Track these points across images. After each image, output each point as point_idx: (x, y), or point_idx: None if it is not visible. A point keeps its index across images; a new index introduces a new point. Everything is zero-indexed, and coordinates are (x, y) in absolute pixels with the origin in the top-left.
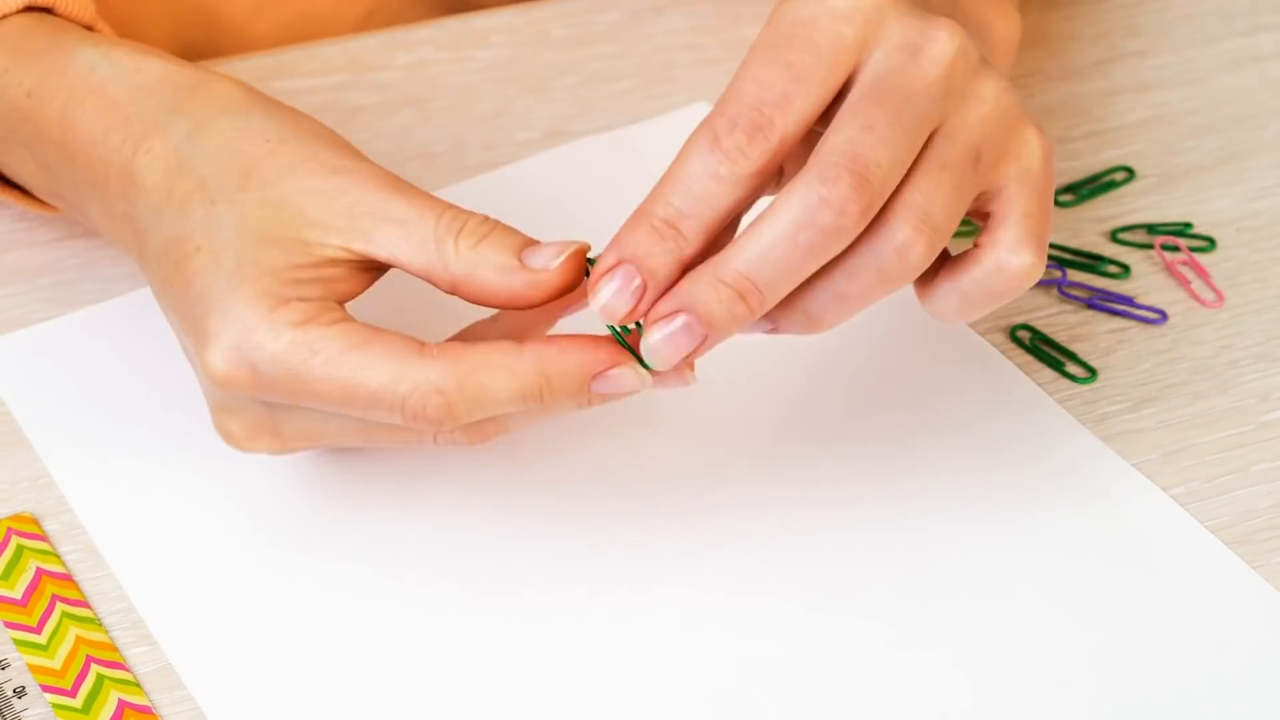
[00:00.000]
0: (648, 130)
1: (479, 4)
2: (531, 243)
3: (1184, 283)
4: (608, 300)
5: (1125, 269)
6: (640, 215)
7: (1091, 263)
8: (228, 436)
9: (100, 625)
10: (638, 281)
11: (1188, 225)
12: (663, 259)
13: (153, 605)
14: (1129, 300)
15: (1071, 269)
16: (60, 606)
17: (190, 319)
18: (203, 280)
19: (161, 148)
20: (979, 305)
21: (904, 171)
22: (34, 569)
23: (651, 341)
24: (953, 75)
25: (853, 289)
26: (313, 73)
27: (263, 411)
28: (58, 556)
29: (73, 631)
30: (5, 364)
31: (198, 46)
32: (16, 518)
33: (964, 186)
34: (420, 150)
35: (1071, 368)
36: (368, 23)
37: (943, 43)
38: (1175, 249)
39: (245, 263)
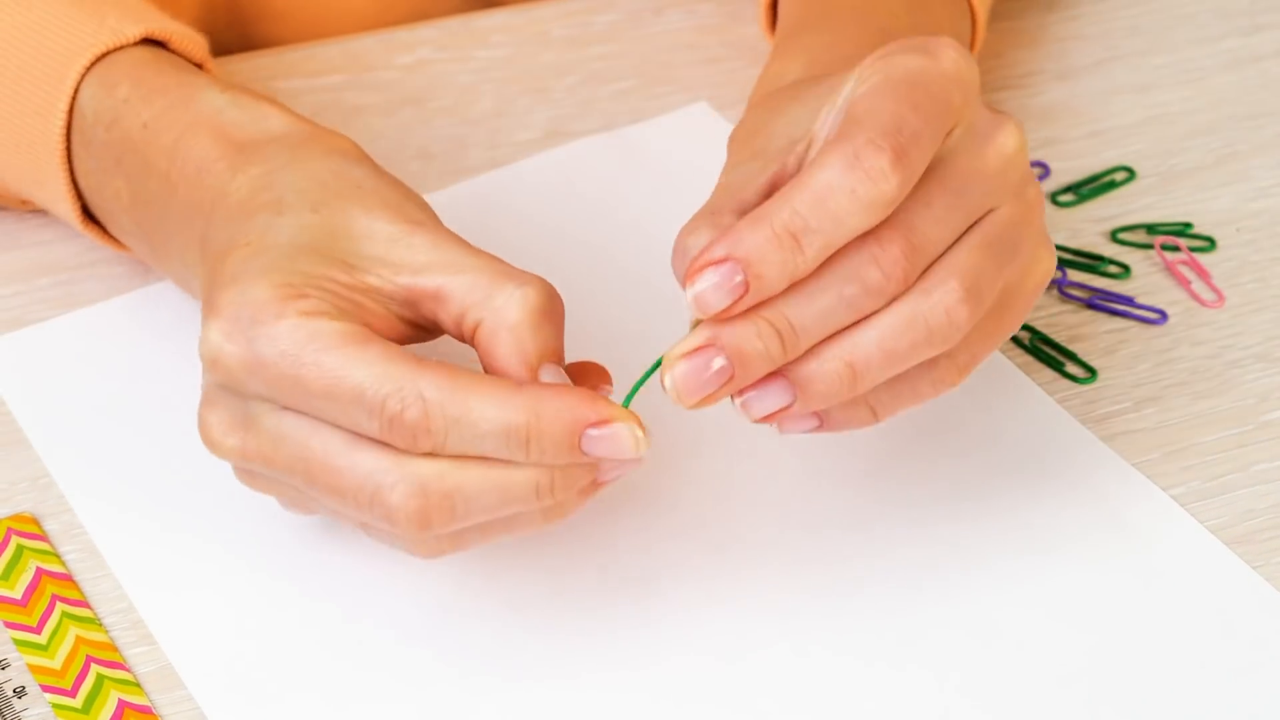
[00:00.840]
0: (648, 130)
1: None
2: (558, 354)
3: (1184, 283)
4: (703, 291)
5: (1125, 269)
6: (761, 217)
7: (1091, 263)
8: (204, 430)
9: (100, 625)
10: (740, 280)
11: (1188, 225)
12: (776, 269)
13: (153, 605)
14: (1129, 300)
15: (1071, 269)
16: (60, 606)
17: (208, 300)
18: (235, 266)
19: (257, 170)
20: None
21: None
22: (34, 569)
23: (674, 372)
24: (1009, 169)
25: (901, 352)
26: (313, 73)
27: (240, 406)
28: (58, 556)
29: (73, 631)
30: (5, 364)
31: (222, 14)
32: (16, 518)
33: (1001, 274)
34: (420, 150)
35: (1071, 368)
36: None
37: (1010, 135)
38: (1175, 249)
39: (283, 258)
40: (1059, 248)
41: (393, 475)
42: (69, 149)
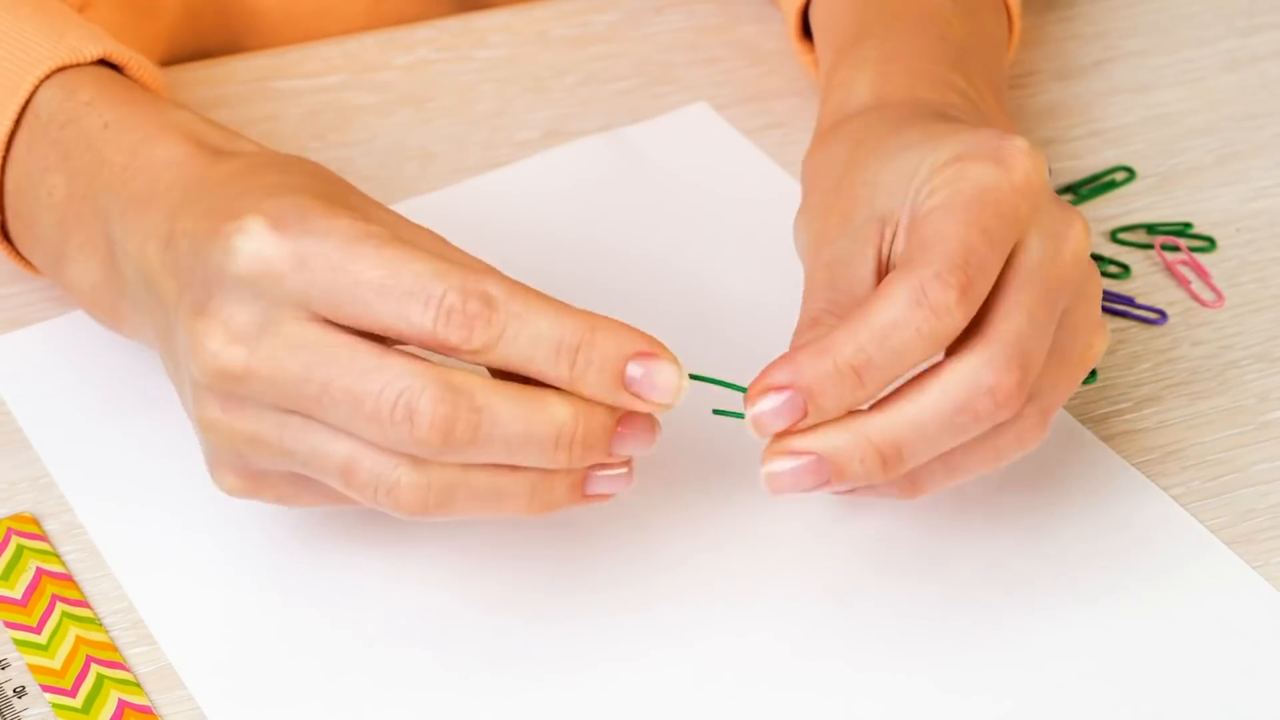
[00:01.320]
0: (648, 130)
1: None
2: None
3: (1184, 283)
4: (763, 414)
5: (1125, 269)
6: (825, 349)
7: None
8: (203, 337)
9: (100, 625)
10: (801, 409)
11: (1188, 225)
12: (835, 401)
13: (153, 605)
14: (1129, 300)
15: None
16: (60, 606)
17: (223, 221)
18: (260, 194)
19: (241, 162)
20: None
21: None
22: (34, 569)
23: (772, 468)
24: (1082, 267)
25: (966, 463)
26: (312, 73)
27: (258, 311)
28: (58, 556)
29: (73, 631)
30: (5, 364)
31: (206, 14)
32: (16, 518)
33: (1066, 379)
34: (420, 150)
35: None
36: (375, 9)
37: (1080, 233)
38: (1175, 249)
39: (294, 176)
40: None
41: (424, 379)
42: (8, 154)
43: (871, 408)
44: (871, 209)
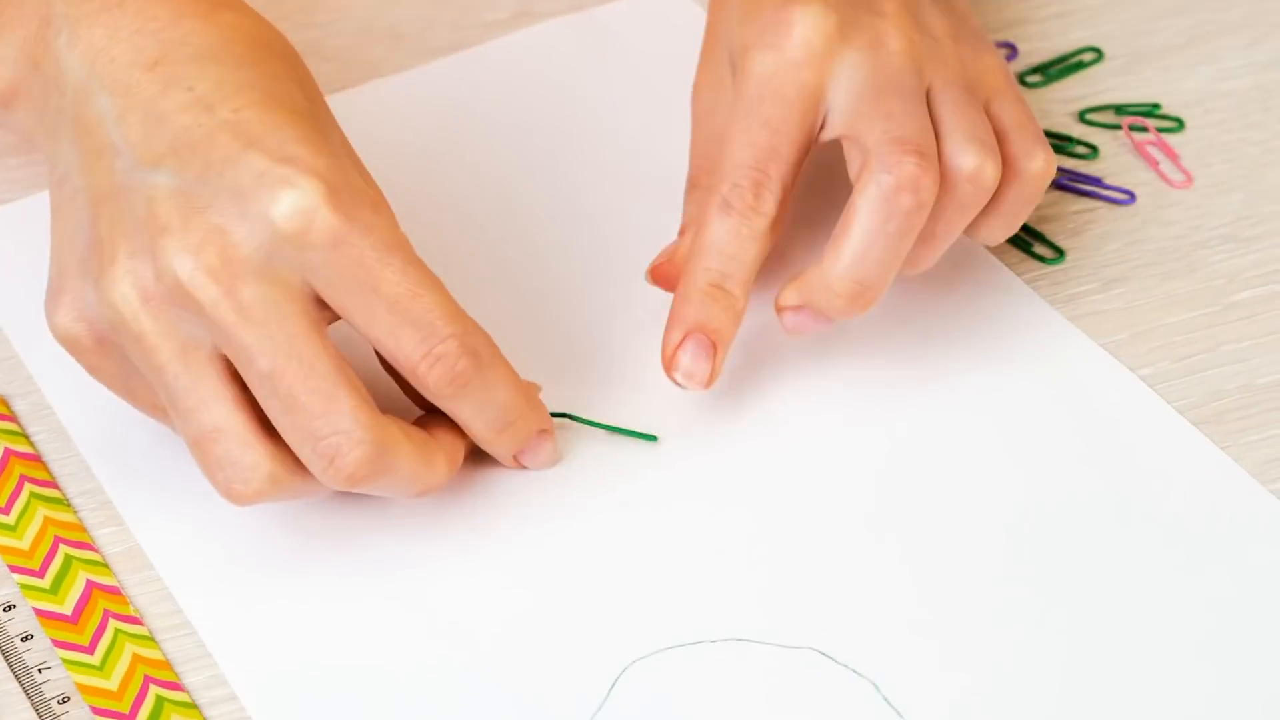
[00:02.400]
0: (616, 10)
1: None
2: None
3: (1152, 163)
4: (689, 366)
5: (1093, 150)
6: (686, 290)
7: (1060, 143)
8: (209, 254)
9: (68, 505)
10: (708, 343)
11: (1156, 106)
12: (722, 317)
13: (120, 486)
14: (1097, 181)
15: None
16: (28, 487)
17: (240, 142)
18: (268, 106)
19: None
20: (1020, 214)
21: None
22: (2, 449)
23: (786, 324)
24: (916, 51)
25: (939, 228)
26: None
27: (263, 255)
28: (26, 437)
29: (41, 512)
30: None
31: None
32: None
33: (980, 111)
34: (388, 31)
35: (1039, 248)
36: None
37: (893, 30)
38: (1143, 130)
39: (341, 145)
40: None
41: (362, 431)
42: None
43: (826, 254)
44: (728, 65)
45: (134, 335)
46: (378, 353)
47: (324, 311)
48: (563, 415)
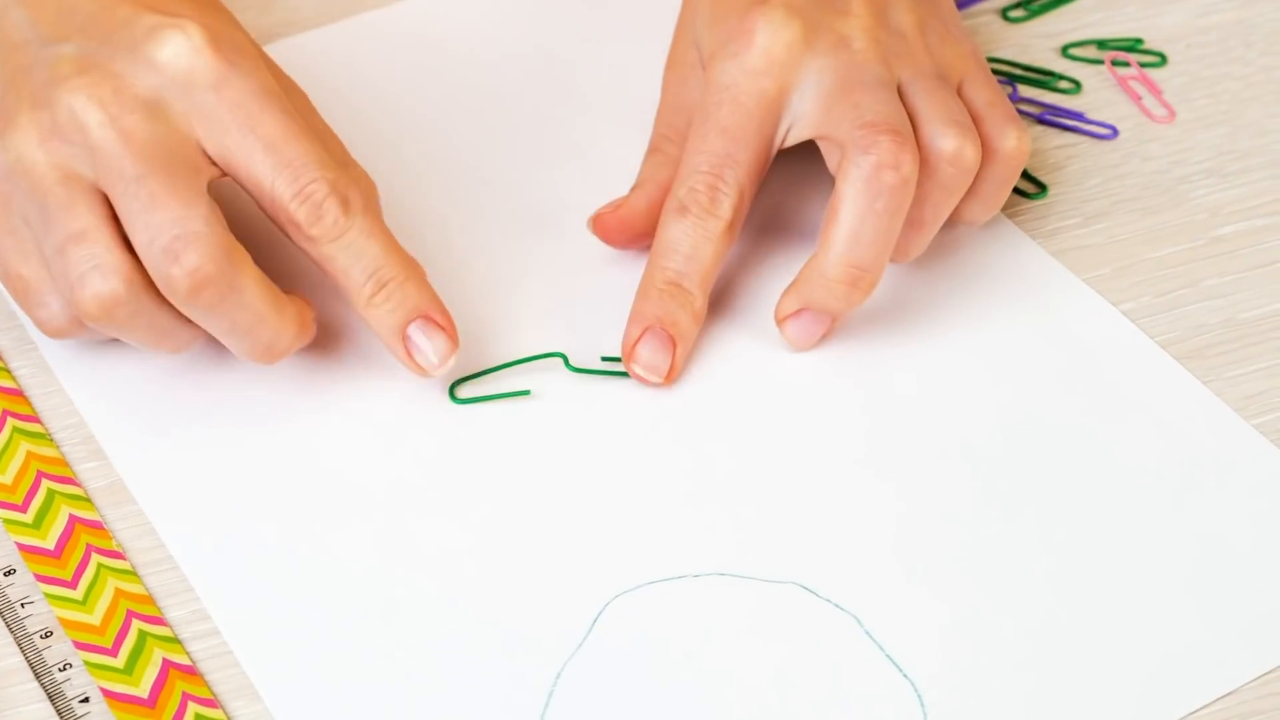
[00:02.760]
0: None
1: None
2: None
3: (1135, 98)
4: (649, 359)
5: (1076, 84)
6: (646, 287)
7: (1042, 78)
8: (76, 91)
9: (51, 440)
10: (667, 337)
11: (1138, 41)
12: (680, 314)
13: (104, 421)
14: (1080, 115)
15: (1022, 84)
16: (11, 422)
17: (132, 7)
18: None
19: None
20: (1000, 194)
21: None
22: None
23: (788, 335)
24: (882, 49)
25: (926, 213)
26: None
27: (140, 91)
28: (9, 372)
29: (24, 446)
30: None
31: None
32: None
33: (953, 95)
34: None
35: (1022, 183)
36: None
37: (857, 30)
38: (1126, 64)
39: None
40: (1008, 63)
41: (209, 231)
42: None
43: (819, 248)
44: (696, 58)
45: (24, 171)
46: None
47: (206, 164)
48: (554, 355)
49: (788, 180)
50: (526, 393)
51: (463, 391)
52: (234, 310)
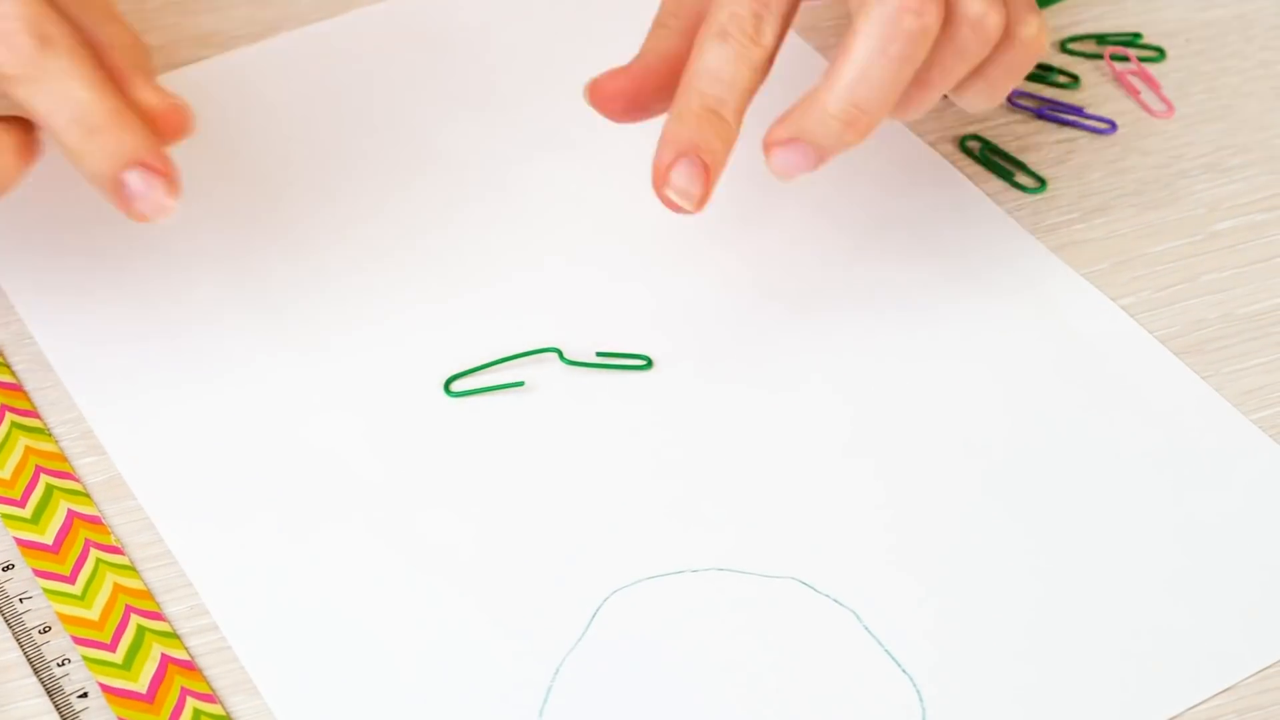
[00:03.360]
0: None
1: None
2: None
3: (1133, 93)
4: (683, 186)
5: (1075, 79)
6: (681, 112)
7: (1041, 73)
8: None
9: (49, 435)
10: (701, 164)
11: (1137, 35)
12: (716, 142)
13: (102, 415)
14: (1079, 110)
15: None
16: (9, 416)
17: None
18: None
19: None
20: (1007, 81)
21: None
22: None
23: (774, 162)
24: None
25: (934, 74)
26: None
27: None
28: (8, 366)
29: (22, 441)
30: None
31: None
32: None
33: None
34: None
35: (1021, 178)
36: None
37: None
38: (1125, 59)
39: None
40: None
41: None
42: None
43: (823, 80)
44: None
45: None
46: None
47: None
48: (550, 350)
49: (785, 185)
50: (520, 384)
51: (457, 386)
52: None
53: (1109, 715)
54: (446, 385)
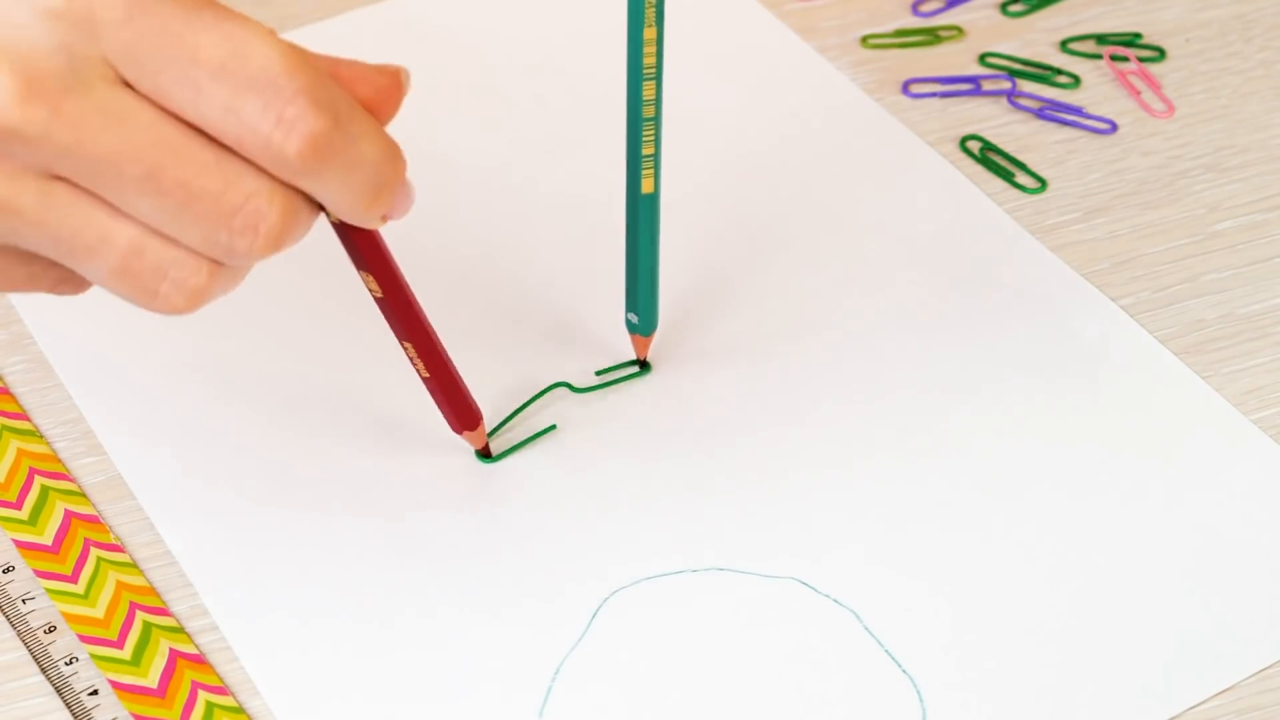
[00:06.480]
0: None
1: None
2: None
3: (1134, 93)
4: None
5: (1075, 79)
6: None
7: (1041, 73)
8: None
9: (41, 437)
10: None
11: (1137, 35)
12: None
13: (102, 415)
14: (1079, 110)
15: (1021, 79)
16: (1, 420)
17: None
18: None
19: None
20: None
21: None
22: None
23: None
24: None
25: None
26: None
27: (63, 63)
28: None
29: (13, 444)
30: None
31: None
32: None
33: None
34: None
35: (1021, 178)
36: None
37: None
38: (1125, 59)
39: None
40: (1007, 57)
41: (270, 185)
42: None
43: None
44: None
45: None
46: None
47: None
48: (559, 385)
49: (787, 184)
50: (553, 428)
51: (496, 446)
52: (303, 228)
53: (1109, 715)
54: (478, 452)
